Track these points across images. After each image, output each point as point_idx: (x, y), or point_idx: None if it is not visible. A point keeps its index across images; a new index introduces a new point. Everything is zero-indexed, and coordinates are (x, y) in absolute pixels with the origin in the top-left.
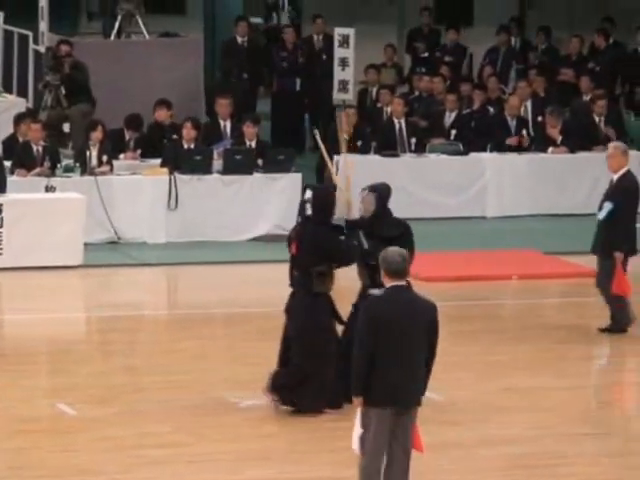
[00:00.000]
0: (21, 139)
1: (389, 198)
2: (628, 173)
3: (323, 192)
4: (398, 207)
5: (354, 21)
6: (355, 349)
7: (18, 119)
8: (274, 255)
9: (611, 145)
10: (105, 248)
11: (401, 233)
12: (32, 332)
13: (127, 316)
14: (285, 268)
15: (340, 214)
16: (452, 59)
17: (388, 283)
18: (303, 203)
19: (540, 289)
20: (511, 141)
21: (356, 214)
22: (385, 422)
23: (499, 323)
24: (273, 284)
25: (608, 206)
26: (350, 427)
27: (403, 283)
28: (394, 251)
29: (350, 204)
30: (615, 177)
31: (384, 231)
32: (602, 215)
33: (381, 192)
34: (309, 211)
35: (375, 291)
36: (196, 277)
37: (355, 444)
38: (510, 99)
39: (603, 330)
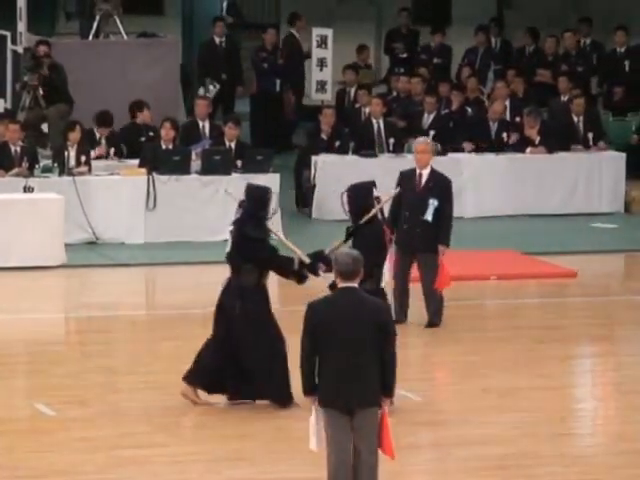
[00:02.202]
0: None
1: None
2: (434, 169)
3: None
4: None
5: (332, 21)
6: (300, 351)
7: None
8: None
9: (422, 140)
10: (83, 248)
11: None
12: (10, 332)
13: (105, 316)
14: None
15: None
16: (439, 61)
17: (339, 284)
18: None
19: (519, 289)
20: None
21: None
22: (335, 421)
23: (478, 323)
24: None
25: (434, 203)
26: None
27: (352, 285)
28: (345, 253)
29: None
30: (425, 173)
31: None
32: (430, 215)
33: (353, 192)
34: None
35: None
36: (174, 277)
37: (312, 444)
38: (494, 104)
39: (431, 326)
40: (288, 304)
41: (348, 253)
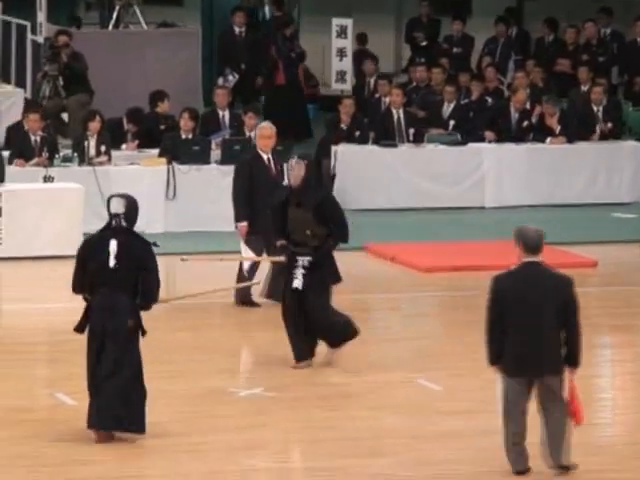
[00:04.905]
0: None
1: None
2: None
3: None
4: (396, 197)
5: (351, 11)
6: (486, 321)
7: (26, 109)
8: None
9: (268, 125)
10: None
11: (322, 201)
12: (31, 322)
13: None
14: None
15: None
16: (460, 50)
17: (523, 258)
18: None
19: None
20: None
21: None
22: (516, 389)
23: None
24: None
25: None
26: (345, 417)
27: (537, 259)
28: (531, 227)
29: None
30: (271, 157)
31: (310, 200)
32: None
33: (310, 161)
34: None
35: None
36: (194, 267)
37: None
38: (518, 94)
39: None
40: None
41: (535, 229)
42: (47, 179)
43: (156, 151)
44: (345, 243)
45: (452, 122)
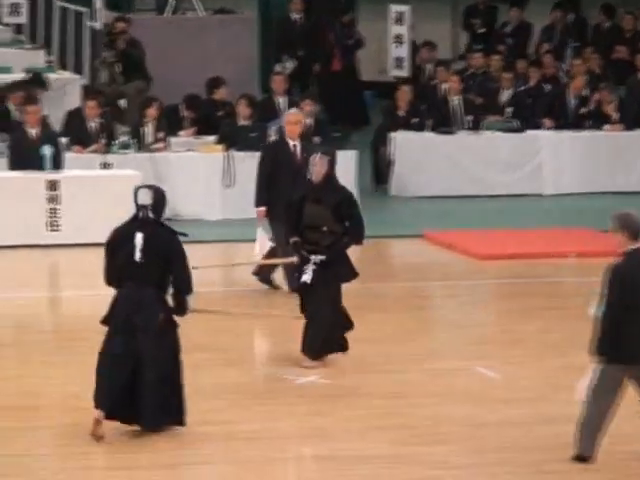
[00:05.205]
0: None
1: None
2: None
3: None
4: (454, 184)
5: None
6: (604, 309)
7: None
8: None
9: (295, 111)
10: None
11: (341, 200)
12: (88, 309)
13: None
14: None
15: None
16: (517, 33)
17: (629, 245)
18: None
19: (597, 267)
20: None
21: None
22: (614, 376)
23: (556, 301)
24: None
25: None
26: (404, 405)
27: None
28: (632, 213)
29: None
30: (297, 144)
31: (330, 198)
32: None
33: (333, 157)
34: None
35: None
36: (252, 254)
37: (580, 394)
38: (575, 80)
39: None
40: None
41: (636, 215)
42: (105, 166)
43: (213, 138)
44: (360, 244)
45: (510, 109)
